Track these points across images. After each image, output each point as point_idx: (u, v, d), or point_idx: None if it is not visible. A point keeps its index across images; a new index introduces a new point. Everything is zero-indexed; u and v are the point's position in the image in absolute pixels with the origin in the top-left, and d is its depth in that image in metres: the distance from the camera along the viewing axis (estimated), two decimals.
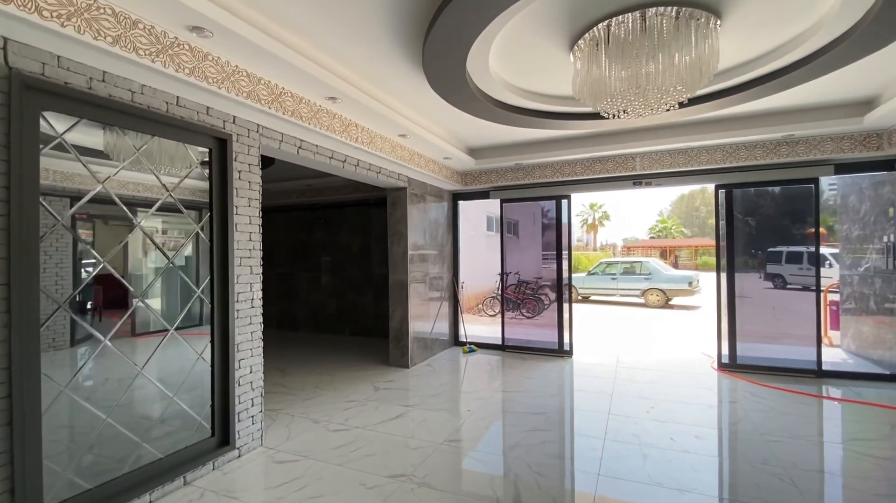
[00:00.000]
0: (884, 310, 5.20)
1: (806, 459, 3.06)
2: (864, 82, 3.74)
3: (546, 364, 5.82)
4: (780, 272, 20.10)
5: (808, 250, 17.18)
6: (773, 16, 2.72)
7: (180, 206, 2.89)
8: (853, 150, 4.70)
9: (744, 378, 5.05)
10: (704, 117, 4.60)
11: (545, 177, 6.07)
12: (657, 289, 11.91)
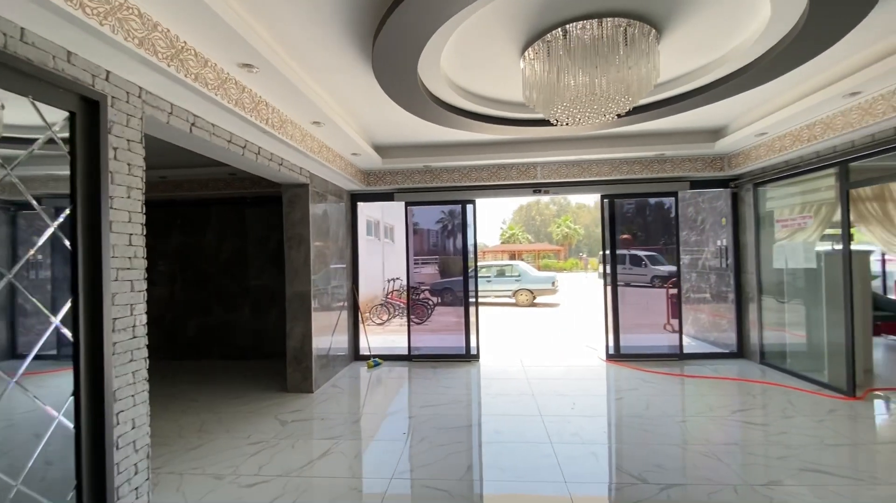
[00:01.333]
0: (719, 300, 6.45)
1: (712, 435, 3.51)
2: (720, 115, 4.54)
3: (457, 371, 5.71)
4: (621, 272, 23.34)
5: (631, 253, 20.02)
6: (688, 47, 3.05)
7: (27, 194, 1.91)
8: (704, 169, 5.72)
9: (629, 366, 5.70)
10: (595, 134, 5.06)
11: (453, 180, 5.99)
12: (526, 290, 12.99)
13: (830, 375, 4.53)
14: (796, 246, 5.02)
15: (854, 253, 4.35)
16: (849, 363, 4.28)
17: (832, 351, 4.54)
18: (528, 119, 4.37)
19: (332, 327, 5.52)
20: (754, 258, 5.65)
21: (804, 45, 2.78)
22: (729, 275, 6.14)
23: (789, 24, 2.66)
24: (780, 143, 4.68)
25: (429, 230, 7.80)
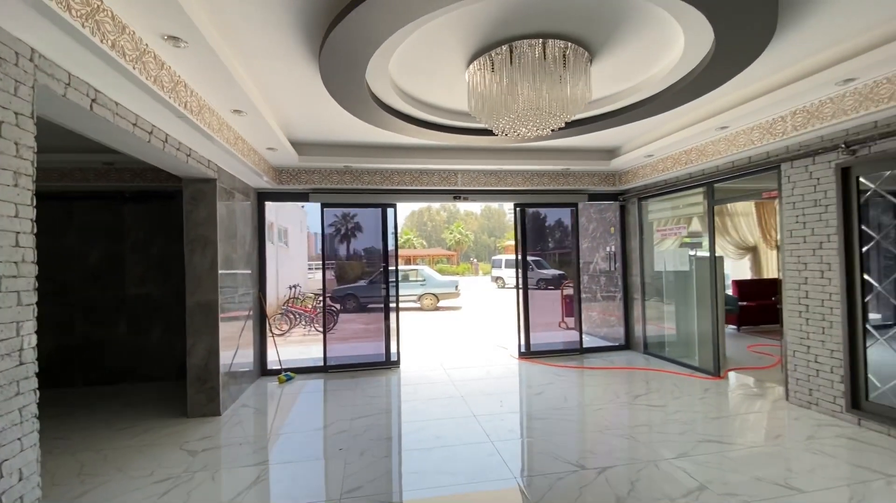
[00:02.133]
0: (609, 299, 7.29)
1: (625, 418, 3.97)
2: (616, 137, 5.17)
3: (380, 379, 5.56)
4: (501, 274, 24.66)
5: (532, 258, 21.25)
6: (612, 73, 3.45)
7: None
8: (600, 184, 6.45)
9: (539, 362, 6.14)
10: (513, 146, 5.40)
11: (374, 183, 5.84)
12: (431, 294, 13.19)
13: (700, 360, 5.44)
14: (673, 252, 5.94)
15: (701, 258, 5.31)
16: (715, 349, 5.19)
17: (701, 340, 5.46)
18: (460, 127, 4.48)
19: (237, 340, 4.95)
20: (638, 262, 6.54)
21: (699, 84, 3.32)
22: (617, 278, 6.99)
23: (689, 66, 3.16)
24: (662, 164, 5.51)
25: (337, 232, 7.47)
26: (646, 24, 2.69)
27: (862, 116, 3.34)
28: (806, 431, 3.56)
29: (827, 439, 3.40)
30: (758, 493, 2.68)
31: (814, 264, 3.96)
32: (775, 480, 2.82)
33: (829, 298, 3.82)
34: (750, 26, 2.49)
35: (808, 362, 4.03)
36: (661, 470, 3.01)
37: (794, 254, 4.14)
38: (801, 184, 4.07)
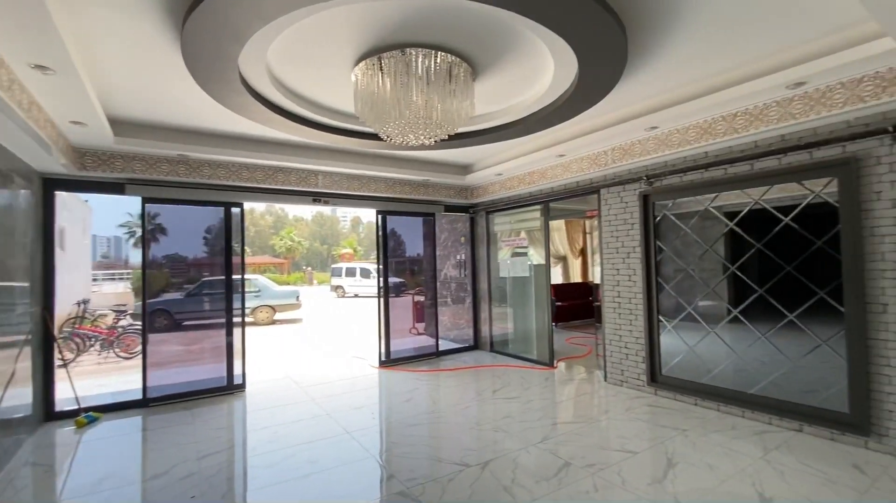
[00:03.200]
0: (458, 303, 7.80)
1: (491, 413, 4.29)
2: (472, 154, 5.66)
3: (222, 406, 4.77)
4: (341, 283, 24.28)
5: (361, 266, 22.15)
6: (489, 94, 3.78)
7: None
8: (455, 196, 6.89)
9: (400, 369, 6.17)
10: (377, 152, 5.37)
11: (217, 178, 5.03)
12: (267, 306, 11.93)
13: (538, 353, 6.27)
14: (515, 260, 6.72)
15: (539, 266, 6.21)
16: (549, 343, 6.05)
17: (538, 336, 6.29)
18: (329, 125, 4.23)
19: (6, 376, 3.62)
20: (486, 270, 7.19)
21: (557, 114, 3.87)
22: (467, 284, 7.55)
23: (552, 98, 3.66)
24: (510, 182, 6.21)
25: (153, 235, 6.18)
26: (527, 53, 3.00)
27: (658, 157, 4.38)
28: (625, 404, 4.43)
29: (639, 408, 4.30)
30: (607, 460, 3.21)
31: (624, 270, 4.99)
32: (616, 447, 3.44)
33: (635, 297, 4.86)
34: (602, 71, 3.03)
35: (620, 348, 5.04)
36: (533, 454, 3.35)
37: (610, 262, 5.15)
38: (615, 206, 5.09)
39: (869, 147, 3.23)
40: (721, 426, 3.77)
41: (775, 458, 3.15)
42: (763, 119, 3.54)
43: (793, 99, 3.35)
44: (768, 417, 3.79)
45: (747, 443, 3.41)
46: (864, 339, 3.24)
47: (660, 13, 2.52)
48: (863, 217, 3.26)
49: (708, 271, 4.42)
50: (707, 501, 2.64)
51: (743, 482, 2.85)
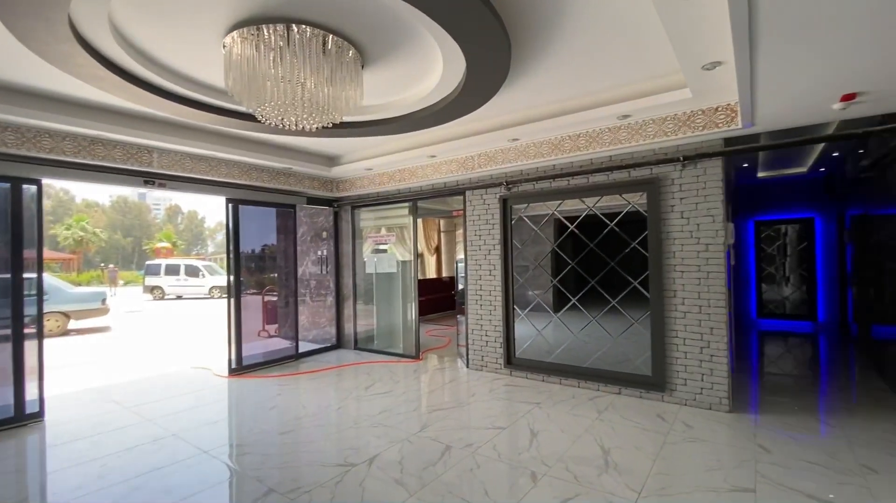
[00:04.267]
0: (319, 302, 7.43)
1: (366, 410, 4.25)
2: (341, 146, 5.50)
3: (8, 443, 3.64)
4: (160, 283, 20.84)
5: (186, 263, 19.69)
6: (378, 85, 3.76)
7: None
8: (319, 188, 6.55)
9: (256, 376, 5.61)
10: (231, 132, 4.79)
11: (4, 145, 3.81)
12: (60, 313, 9.35)
13: (405, 347, 6.41)
14: (382, 256, 6.74)
15: (406, 262, 6.42)
16: (416, 336, 6.25)
17: (405, 330, 6.45)
18: (183, 96, 3.62)
19: None
20: (351, 266, 7.03)
21: (440, 115, 4.04)
22: (329, 280, 7.26)
23: (438, 97, 3.82)
24: (379, 178, 6.21)
25: None
26: (418, 51, 3.07)
27: (517, 165, 4.95)
28: (487, 386, 4.88)
29: (500, 389, 4.79)
30: (482, 438, 3.52)
31: (486, 265, 5.48)
32: (487, 426, 3.78)
33: (495, 289, 5.39)
34: (486, 80, 3.30)
35: (481, 337, 5.52)
36: (415, 444, 3.46)
37: (474, 258, 5.60)
38: (478, 207, 5.55)
39: (667, 171, 4.23)
40: (564, 396, 4.48)
41: (606, 417, 3.89)
42: (598, 141, 4.32)
43: (621, 128, 4.18)
44: (597, 385, 4.64)
45: (585, 408, 4.12)
46: (662, 318, 4.24)
47: (538, 37, 2.87)
48: (662, 224, 4.26)
49: (553, 266, 5.17)
50: (565, 459, 3.12)
51: (588, 439, 3.45)
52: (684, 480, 2.80)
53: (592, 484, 2.80)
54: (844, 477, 2.77)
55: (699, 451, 3.20)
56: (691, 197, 4.12)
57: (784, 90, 2.91)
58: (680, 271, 4.16)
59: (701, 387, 4.05)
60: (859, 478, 2.75)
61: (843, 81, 2.79)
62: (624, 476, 2.88)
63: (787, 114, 3.40)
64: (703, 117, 3.78)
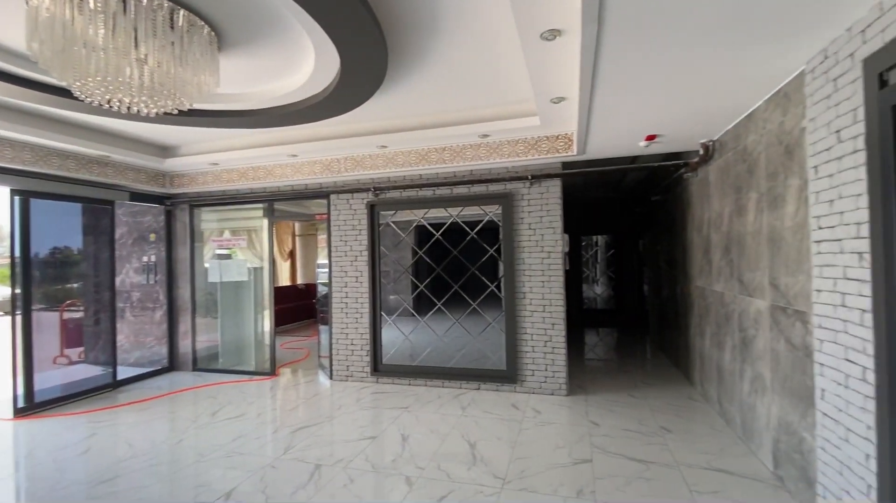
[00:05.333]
0: (145, 317, 6.24)
1: (222, 439, 3.74)
2: (176, 134, 4.74)
3: None
4: None
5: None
6: (231, 77, 3.38)
7: None
8: (147, 182, 5.53)
9: (58, 415, 4.43)
10: (22, 106, 3.76)
11: None
12: None
13: (257, 364, 5.83)
14: (230, 262, 6.01)
15: (259, 269, 5.90)
16: (272, 351, 5.74)
17: (257, 345, 5.86)
18: None
19: None
20: (188, 273, 6.09)
21: (309, 113, 3.81)
22: (158, 291, 6.17)
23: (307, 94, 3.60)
24: (228, 175, 5.54)
25: None
26: (287, 43, 2.87)
27: (385, 172, 4.97)
28: (354, 396, 4.76)
29: (367, 398, 4.72)
30: (353, 451, 3.42)
31: (352, 272, 5.35)
32: (357, 437, 3.69)
33: (362, 296, 5.30)
34: (360, 83, 3.25)
35: (347, 345, 5.36)
36: (280, 468, 3.18)
37: (339, 265, 5.41)
38: (344, 212, 5.40)
39: (518, 187, 4.76)
40: (431, 397, 4.64)
41: (469, 413, 4.17)
42: (462, 156, 4.63)
43: (481, 145, 4.55)
44: (460, 383, 4.94)
45: (451, 407, 4.35)
46: (514, 317, 4.73)
47: (414, 46, 2.96)
48: (514, 234, 4.77)
49: (420, 271, 5.34)
50: (437, 458, 3.25)
51: (456, 436, 3.64)
52: (539, 461, 3.18)
53: (463, 479, 2.97)
54: (650, 438, 3.50)
55: (548, 433, 3.66)
56: (537, 211, 4.71)
57: (610, 127, 3.57)
58: (528, 275, 4.71)
59: (545, 376, 4.64)
60: (660, 437, 3.51)
61: (648, 125, 3.55)
62: (490, 466, 3.13)
63: (609, 146, 4.16)
64: (547, 143, 4.37)
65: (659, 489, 2.76)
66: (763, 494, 2.68)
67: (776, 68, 2.50)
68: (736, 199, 3.46)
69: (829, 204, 2.18)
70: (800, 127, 2.49)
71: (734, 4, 1.84)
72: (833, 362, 2.17)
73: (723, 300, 3.78)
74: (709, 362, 4.21)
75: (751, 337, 3.21)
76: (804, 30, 2.06)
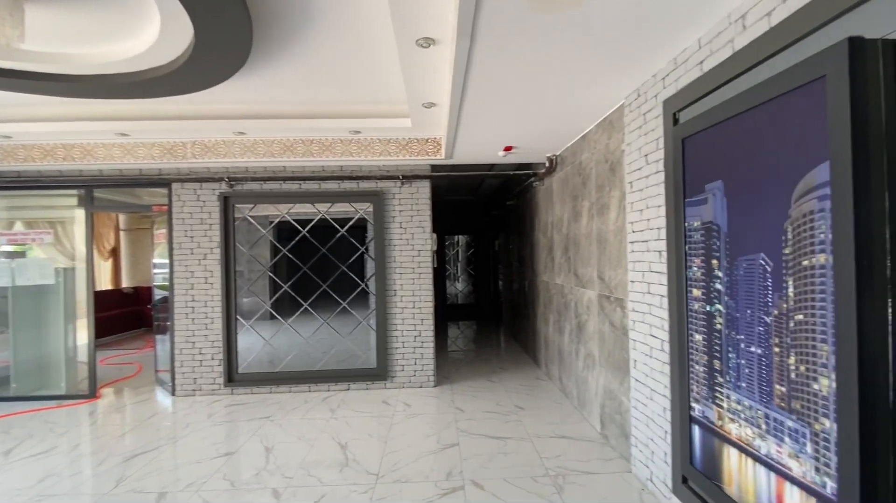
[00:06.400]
0: None
1: (8, 488, 2.97)
2: None
3: None
4: None
5: None
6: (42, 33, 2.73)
7: None
8: None
9: None
10: None
11: None
12: None
13: (69, 385, 4.74)
14: (27, 262, 4.77)
15: (69, 269, 4.85)
16: (91, 369, 4.74)
17: (68, 361, 4.78)
18: None
19: None
20: None
21: (150, 86, 3.25)
22: None
23: (149, 64, 3.08)
24: (26, 152, 4.40)
25: None
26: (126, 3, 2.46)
27: (242, 161, 4.54)
28: (205, 411, 4.24)
29: (221, 411, 4.25)
30: (208, 470, 3.06)
31: (200, 272, 4.74)
32: (212, 455, 3.31)
33: (213, 300, 4.73)
34: (218, 59, 2.93)
35: (193, 356, 4.73)
36: None
37: (183, 264, 4.74)
38: (190, 203, 4.75)
39: (390, 186, 4.82)
40: (296, 403, 4.40)
41: (340, 414, 4.08)
42: (331, 150, 4.50)
43: (352, 141, 4.48)
44: (328, 385, 4.78)
45: (319, 410, 4.19)
46: (385, 315, 4.78)
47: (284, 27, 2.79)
48: (385, 232, 4.82)
49: (284, 271, 5.00)
50: (306, 465, 3.11)
51: (326, 440, 3.53)
52: (410, 452, 3.29)
53: (336, 481, 2.91)
54: (507, 416, 3.91)
55: (418, 424, 3.80)
56: (408, 210, 4.84)
57: (475, 136, 3.87)
58: (399, 273, 4.81)
59: (415, 369, 4.80)
60: (515, 415, 3.94)
61: (507, 138, 3.96)
62: (363, 464, 3.12)
63: (473, 153, 4.50)
64: (417, 145, 4.52)
65: (516, 460, 3.11)
66: (593, 451, 3.23)
67: (604, 100, 3.04)
68: (573, 206, 4.08)
69: (640, 212, 2.75)
70: (620, 149, 3.08)
71: (574, 48, 2.19)
72: (642, 338, 2.74)
73: (563, 292, 4.42)
74: (552, 345, 4.87)
75: (584, 321, 3.83)
76: (624, 72, 2.56)
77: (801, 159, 1.46)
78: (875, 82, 1.25)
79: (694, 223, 2.10)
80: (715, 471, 1.96)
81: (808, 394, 1.44)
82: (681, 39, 2.18)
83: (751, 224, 1.71)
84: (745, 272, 1.74)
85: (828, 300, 1.36)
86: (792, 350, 1.51)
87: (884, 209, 1.25)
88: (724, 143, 1.86)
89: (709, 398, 1.99)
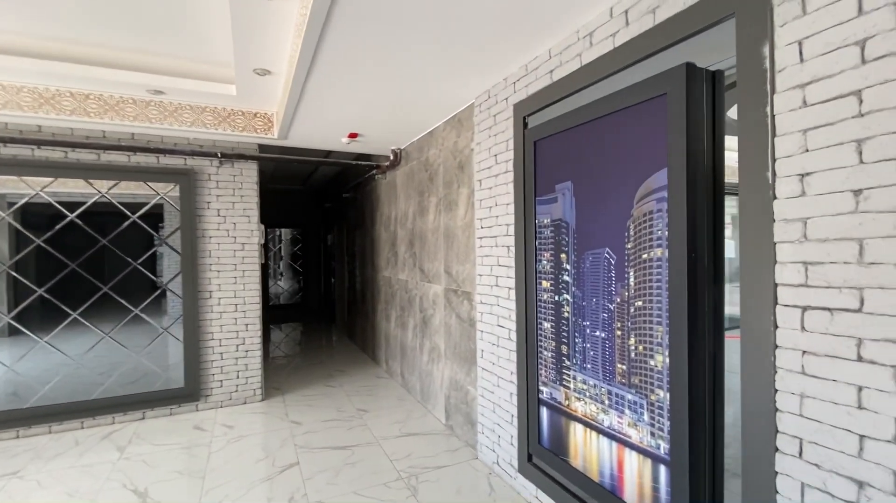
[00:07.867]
0: None
1: None
2: None
3: None
4: None
5: None
6: None
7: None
8: None
9: None
10: None
11: None
12: None
13: None
14: None
15: None
16: None
17: None
18: None
19: None
20: None
21: None
22: None
23: None
24: None
25: None
26: None
27: None
28: None
29: None
30: None
31: None
32: None
33: None
34: None
35: None
36: None
37: None
38: None
39: (204, 164, 3.99)
40: (62, 448, 3.26)
41: (132, 452, 3.18)
42: (118, 112, 3.47)
43: (150, 103, 3.54)
44: (111, 417, 3.69)
45: (100, 452, 3.18)
46: (197, 321, 3.94)
47: None
48: (197, 221, 3.97)
49: (36, 270, 3.65)
50: None
51: (113, 489, 2.69)
52: (238, 484, 2.75)
53: None
54: (351, 422, 3.65)
55: (245, 448, 3.23)
56: (229, 195, 4.09)
57: (319, 115, 3.47)
58: (216, 270, 4.03)
59: (237, 384, 4.10)
60: (359, 419, 3.71)
61: (353, 123, 3.68)
62: None
63: (313, 135, 4.06)
64: (243, 119, 3.85)
65: (366, 469, 2.90)
66: (440, 443, 3.26)
67: (455, 98, 3.07)
68: (419, 201, 4.07)
69: (488, 209, 2.86)
70: (470, 147, 3.16)
71: (432, 38, 2.11)
72: (489, 328, 2.86)
73: (407, 287, 4.38)
74: (394, 341, 4.80)
75: (429, 316, 3.86)
76: (477, 72, 2.62)
77: (643, 165, 1.67)
78: (702, 103, 1.49)
79: (544, 220, 2.25)
80: (562, 448, 2.14)
81: (646, 370, 1.66)
82: (533, 47, 2.31)
83: (597, 221, 1.90)
84: (592, 265, 1.93)
85: (663, 288, 1.58)
86: (632, 332, 1.72)
87: (705, 210, 1.51)
88: (575, 147, 2.04)
89: (557, 381, 2.17)
